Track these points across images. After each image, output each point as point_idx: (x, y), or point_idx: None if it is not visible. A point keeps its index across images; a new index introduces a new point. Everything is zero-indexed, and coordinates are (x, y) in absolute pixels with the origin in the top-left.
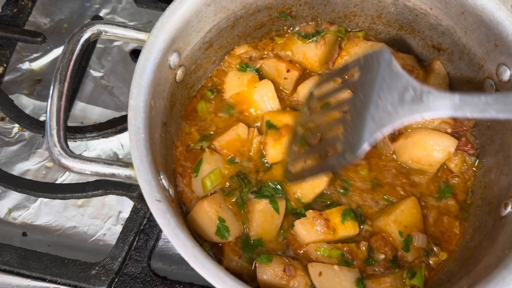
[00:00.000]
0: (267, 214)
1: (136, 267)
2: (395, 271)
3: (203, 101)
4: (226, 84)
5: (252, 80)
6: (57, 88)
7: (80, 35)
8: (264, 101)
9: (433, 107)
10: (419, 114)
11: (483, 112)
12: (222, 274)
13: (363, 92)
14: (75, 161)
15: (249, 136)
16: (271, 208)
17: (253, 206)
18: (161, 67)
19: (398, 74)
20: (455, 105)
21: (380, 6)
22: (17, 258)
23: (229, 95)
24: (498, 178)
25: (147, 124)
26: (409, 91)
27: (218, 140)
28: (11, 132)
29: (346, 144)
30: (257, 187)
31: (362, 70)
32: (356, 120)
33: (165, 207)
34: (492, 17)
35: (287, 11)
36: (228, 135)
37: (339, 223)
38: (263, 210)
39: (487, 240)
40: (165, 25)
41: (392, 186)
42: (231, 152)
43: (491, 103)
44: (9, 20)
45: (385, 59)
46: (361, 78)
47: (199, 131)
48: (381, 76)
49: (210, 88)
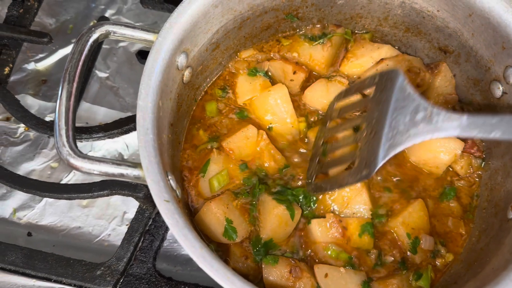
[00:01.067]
0: (282, 219)
1: (141, 268)
2: (402, 273)
3: (214, 101)
4: (238, 89)
5: (264, 85)
6: (66, 88)
7: (89, 36)
8: (278, 104)
9: (442, 128)
10: (430, 134)
11: (489, 133)
12: (230, 274)
13: (379, 111)
14: (84, 161)
15: (258, 138)
16: (288, 214)
17: (269, 209)
18: (169, 68)
19: (410, 95)
20: (462, 126)
21: (387, 8)
22: (22, 258)
23: (242, 100)
24: (505, 180)
25: (155, 125)
26: (420, 112)
27: (226, 141)
28: (17, 132)
29: (362, 161)
30: (279, 189)
31: (377, 88)
32: (372, 138)
33: (174, 208)
34: (500, 19)
35: (293, 12)
36: (237, 137)
37: (356, 235)
38: (279, 215)
39: (494, 243)
40: (173, 26)
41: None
42: (238, 154)
43: (497, 124)
44: (15, 21)
45: (398, 80)
46: (375, 96)
47: (208, 131)
48: (395, 96)
49: (222, 86)
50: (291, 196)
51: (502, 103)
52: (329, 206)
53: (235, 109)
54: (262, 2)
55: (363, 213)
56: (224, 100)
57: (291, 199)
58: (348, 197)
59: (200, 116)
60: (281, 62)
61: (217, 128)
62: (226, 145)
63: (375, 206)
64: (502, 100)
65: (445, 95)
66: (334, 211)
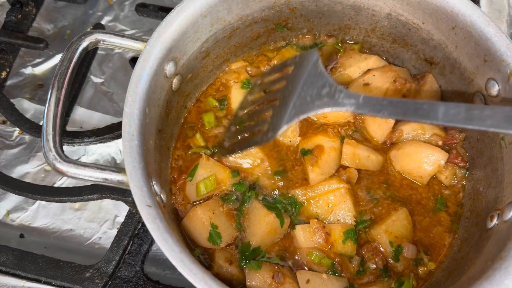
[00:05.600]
0: (272, 227)
1: (129, 271)
2: (384, 280)
3: (211, 112)
4: (233, 103)
5: None
6: (55, 94)
7: (79, 44)
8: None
9: (342, 104)
10: (331, 108)
11: (378, 112)
12: (209, 279)
13: (292, 84)
14: (69, 166)
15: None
16: (278, 222)
17: (260, 216)
18: (157, 75)
19: (321, 73)
20: (358, 104)
21: (374, 20)
22: (13, 259)
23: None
24: (486, 190)
25: (141, 131)
26: (326, 87)
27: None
28: (12, 135)
29: (271, 125)
30: (268, 197)
31: (295, 66)
32: (282, 106)
33: (155, 213)
34: (482, 33)
35: (283, 23)
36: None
37: (339, 241)
38: (270, 223)
39: (474, 251)
40: (161, 35)
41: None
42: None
43: (386, 106)
44: (13, 26)
45: (313, 59)
46: (293, 73)
47: (211, 142)
48: (308, 72)
49: (217, 98)
50: (280, 204)
51: None
52: (314, 213)
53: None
54: (251, 12)
55: (347, 219)
56: (222, 112)
57: (280, 207)
58: (332, 204)
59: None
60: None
61: (219, 139)
62: (224, 159)
63: (359, 213)
64: None
65: None
66: (318, 217)
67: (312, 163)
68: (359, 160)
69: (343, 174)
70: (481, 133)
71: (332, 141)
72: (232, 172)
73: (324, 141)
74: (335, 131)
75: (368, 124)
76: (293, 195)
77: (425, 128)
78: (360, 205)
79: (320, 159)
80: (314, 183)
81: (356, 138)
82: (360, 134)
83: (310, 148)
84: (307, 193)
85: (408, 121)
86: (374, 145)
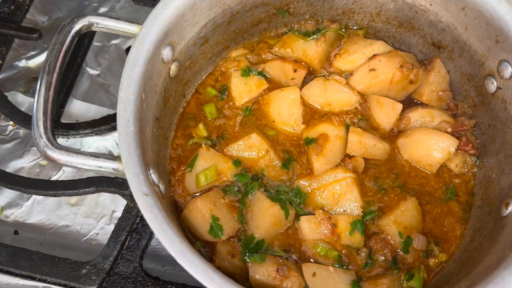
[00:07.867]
0: (276, 218)
1: (127, 267)
2: (393, 273)
3: (212, 103)
4: (233, 92)
5: (260, 84)
6: (45, 79)
7: (71, 27)
8: (287, 106)
9: None
10: None
11: None
12: (211, 271)
13: None
14: (61, 153)
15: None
16: (283, 214)
17: (265, 208)
18: (153, 60)
19: None
20: None
21: (379, 3)
22: (6, 256)
23: (241, 102)
24: (499, 178)
25: (137, 117)
26: None
27: (227, 148)
28: (6, 130)
29: None
30: (272, 188)
31: None
32: None
33: (153, 202)
34: (493, 12)
35: (284, 7)
36: (238, 145)
37: (346, 233)
38: (275, 215)
39: (488, 241)
40: (158, 17)
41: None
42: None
43: None
44: (6, 17)
45: None
46: None
47: (214, 133)
48: None
49: (217, 88)
50: (284, 195)
51: (496, 98)
52: (319, 203)
53: (239, 113)
54: None
55: (354, 210)
56: (223, 102)
57: (284, 199)
58: (338, 194)
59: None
60: (279, 62)
61: (222, 130)
62: (226, 151)
63: (366, 203)
64: (496, 95)
65: (439, 92)
66: (324, 208)
67: (316, 152)
68: (365, 149)
69: (349, 163)
70: (493, 118)
71: (337, 129)
72: (234, 162)
73: (328, 129)
74: (340, 119)
75: (375, 111)
76: (297, 186)
77: (434, 114)
78: (367, 195)
79: (325, 148)
80: (319, 173)
81: (362, 126)
82: (366, 122)
83: (314, 137)
84: (312, 184)
85: (416, 108)
86: (381, 133)
